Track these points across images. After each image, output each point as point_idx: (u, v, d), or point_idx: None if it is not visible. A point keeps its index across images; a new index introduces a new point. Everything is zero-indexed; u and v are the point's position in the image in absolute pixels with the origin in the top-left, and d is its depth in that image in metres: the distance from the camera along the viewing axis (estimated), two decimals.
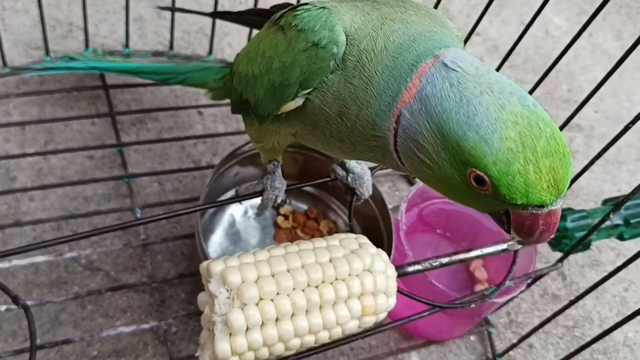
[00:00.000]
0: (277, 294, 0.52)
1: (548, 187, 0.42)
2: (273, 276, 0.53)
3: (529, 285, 0.76)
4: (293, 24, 0.52)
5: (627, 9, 1.32)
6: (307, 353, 0.58)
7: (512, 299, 0.77)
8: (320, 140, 0.55)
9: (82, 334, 0.73)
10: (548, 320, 0.76)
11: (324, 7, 0.51)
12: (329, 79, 0.49)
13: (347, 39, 0.49)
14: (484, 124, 0.42)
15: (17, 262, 0.75)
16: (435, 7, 0.80)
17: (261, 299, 0.52)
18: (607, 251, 0.96)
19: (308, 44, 0.50)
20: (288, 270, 0.54)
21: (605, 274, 0.68)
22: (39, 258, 0.76)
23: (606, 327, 0.67)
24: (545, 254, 0.90)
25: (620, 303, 0.91)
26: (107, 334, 0.72)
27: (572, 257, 0.95)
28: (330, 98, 0.50)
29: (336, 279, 0.54)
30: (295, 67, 0.51)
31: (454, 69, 0.44)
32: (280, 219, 0.84)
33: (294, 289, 0.53)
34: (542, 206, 0.43)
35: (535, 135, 0.41)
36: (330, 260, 0.55)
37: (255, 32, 0.94)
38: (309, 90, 0.50)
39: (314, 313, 0.53)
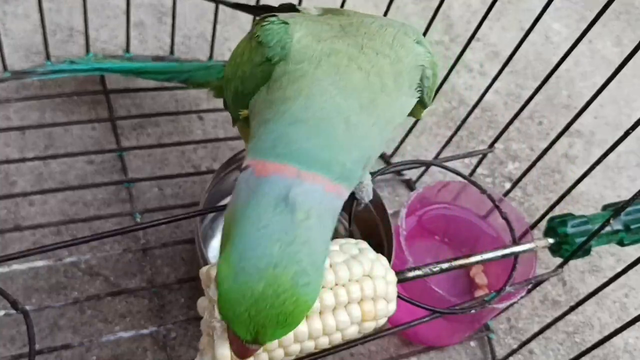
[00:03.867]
0: None
1: (247, 332, 0.43)
2: None
3: (529, 291, 0.76)
4: (256, 35, 0.53)
5: (626, 16, 1.32)
6: (306, 359, 0.58)
7: (512, 304, 0.77)
8: None
9: (81, 339, 0.73)
10: (548, 326, 0.76)
11: (285, 22, 0.52)
12: None
13: (296, 59, 0.49)
14: (249, 263, 0.42)
15: (16, 266, 0.74)
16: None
17: None
18: (607, 257, 0.96)
19: (263, 58, 0.51)
20: None
21: (605, 279, 0.68)
22: (39, 263, 0.75)
23: (606, 333, 0.67)
24: (545, 259, 0.90)
25: (620, 309, 0.91)
26: (106, 339, 0.72)
27: (572, 262, 0.94)
28: None
29: (336, 284, 0.54)
30: (251, 78, 0.52)
31: (287, 203, 0.43)
32: None
33: None
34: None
35: (271, 303, 0.42)
36: (330, 266, 0.55)
37: None
38: None
39: (314, 318, 0.53)
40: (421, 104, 0.57)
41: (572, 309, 0.72)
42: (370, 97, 0.48)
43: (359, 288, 0.54)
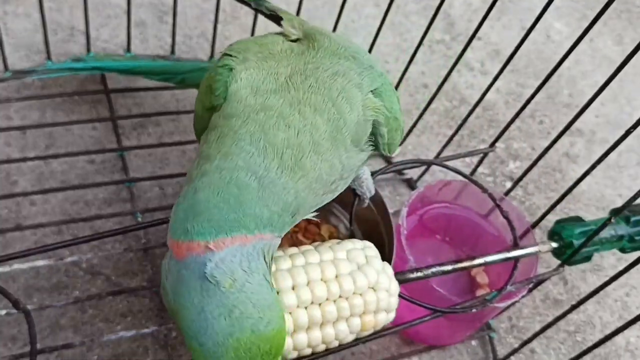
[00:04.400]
0: None
1: None
2: (277, 293, 0.53)
3: (530, 290, 0.76)
4: (212, 75, 0.54)
5: (627, 14, 1.32)
6: (306, 358, 0.58)
7: (513, 303, 0.77)
8: None
9: (82, 339, 0.73)
10: (549, 325, 0.76)
11: (231, 69, 0.53)
12: None
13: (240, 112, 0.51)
14: (209, 344, 0.45)
15: (17, 266, 0.74)
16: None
17: None
18: (609, 256, 0.96)
19: (210, 104, 0.54)
20: (293, 288, 0.53)
21: (606, 278, 0.68)
22: (40, 262, 0.75)
23: (608, 332, 0.67)
24: (546, 258, 0.90)
25: (621, 308, 0.91)
26: (107, 339, 0.72)
27: None
28: None
29: (340, 297, 0.54)
30: (200, 120, 0.56)
31: (209, 280, 0.45)
32: None
33: (297, 306, 0.53)
34: None
35: (250, 357, 0.45)
36: (336, 277, 0.55)
37: (258, 29, 0.94)
38: None
39: (314, 329, 0.54)
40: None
41: (574, 307, 0.72)
42: (295, 157, 0.48)
43: (362, 302, 0.54)
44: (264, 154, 0.48)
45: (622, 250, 0.71)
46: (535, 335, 0.78)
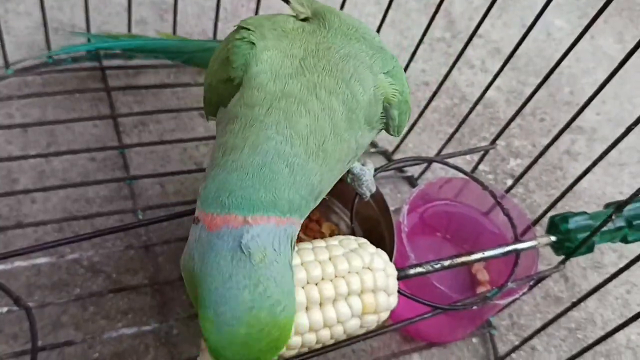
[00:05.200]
0: None
1: None
2: None
3: (531, 287, 0.76)
4: (228, 47, 0.54)
5: (628, 12, 1.32)
6: (308, 355, 0.58)
7: (514, 300, 0.77)
8: None
9: (83, 336, 0.73)
10: (550, 322, 0.76)
11: (253, 43, 0.53)
12: None
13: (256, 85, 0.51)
14: (227, 315, 0.44)
15: (18, 263, 0.74)
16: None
17: None
18: (610, 253, 0.96)
19: (227, 76, 0.53)
20: None
21: (607, 276, 0.68)
22: (41, 260, 0.75)
23: (609, 329, 0.67)
24: (547, 256, 0.90)
25: (622, 305, 0.91)
26: (108, 336, 0.72)
27: (574, 259, 0.94)
28: None
29: (335, 277, 0.54)
30: (216, 91, 0.55)
31: (242, 251, 0.45)
32: None
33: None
34: None
35: (258, 338, 0.45)
36: (330, 259, 0.55)
37: None
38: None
39: (314, 310, 0.53)
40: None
41: (574, 305, 0.72)
42: (317, 141, 0.49)
43: (358, 280, 0.54)
44: (291, 141, 0.48)
45: (625, 240, 0.71)
46: (536, 332, 0.78)
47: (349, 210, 0.83)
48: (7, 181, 0.84)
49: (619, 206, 0.66)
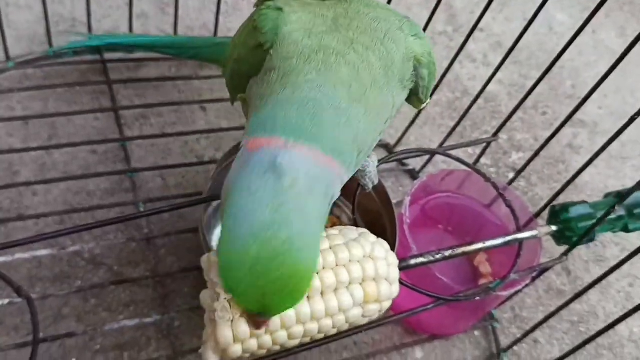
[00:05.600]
0: None
1: (254, 302, 0.45)
2: None
3: (534, 279, 0.76)
4: (255, 18, 0.54)
5: (630, 6, 1.32)
6: (310, 345, 0.58)
7: (516, 292, 0.77)
8: None
9: (85, 328, 0.73)
10: (552, 314, 0.76)
11: (280, 9, 0.52)
12: None
13: (287, 48, 0.50)
14: (243, 229, 0.43)
15: (20, 255, 0.74)
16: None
17: None
18: (612, 247, 0.96)
19: (256, 43, 0.52)
20: None
21: (608, 268, 0.68)
22: (42, 252, 0.75)
23: (611, 322, 0.67)
24: (549, 249, 0.90)
25: (625, 298, 0.91)
26: (110, 328, 0.72)
27: (576, 252, 0.94)
28: None
29: (337, 265, 0.54)
30: (246, 61, 0.53)
31: (275, 169, 0.44)
32: None
33: None
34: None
35: (268, 268, 0.43)
36: (330, 248, 0.55)
37: None
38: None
39: (316, 299, 0.53)
40: (417, 99, 0.57)
41: (577, 296, 0.72)
42: (360, 90, 0.49)
43: (360, 268, 0.54)
44: (334, 87, 0.48)
45: (626, 229, 0.70)
46: (538, 324, 0.78)
47: (350, 203, 0.83)
48: (8, 174, 0.84)
49: (622, 195, 0.65)
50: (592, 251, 0.95)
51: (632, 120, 0.64)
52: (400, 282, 0.58)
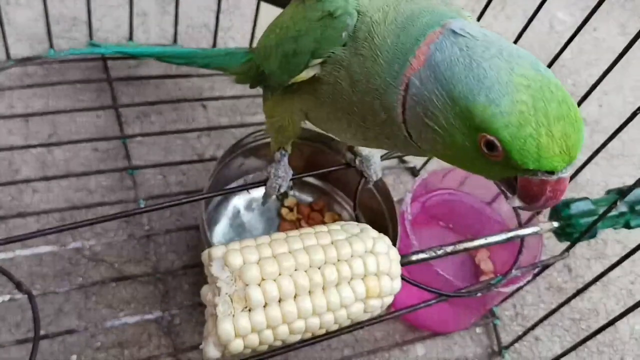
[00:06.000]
0: (279, 274, 0.52)
1: (560, 152, 0.41)
2: (275, 257, 0.53)
3: (535, 276, 0.76)
4: None
5: (631, 4, 1.31)
6: (311, 341, 0.58)
7: (518, 289, 0.77)
8: (330, 118, 0.55)
9: (86, 325, 0.73)
10: (553, 311, 0.76)
11: None
12: (338, 52, 0.49)
13: (360, 11, 0.48)
14: (495, 87, 0.41)
15: (20, 252, 0.74)
16: None
17: (263, 279, 0.51)
18: (613, 244, 0.96)
19: (323, 13, 0.50)
20: (289, 252, 0.53)
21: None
22: (43, 249, 0.75)
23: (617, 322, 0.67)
24: (550, 247, 0.90)
25: (626, 296, 0.91)
26: (111, 325, 0.72)
27: (577, 250, 0.94)
28: (341, 71, 0.50)
29: (338, 260, 0.54)
30: (308, 35, 0.51)
31: (462, 35, 0.44)
32: (284, 211, 0.83)
33: (295, 269, 0.52)
34: (552, 172, 0.42)
35: (547, 98, 0.41)
36: (332, 243, 0.55)
37: (261, 19, 0.95)
38: (319, 60, 0.50)
39: (317, 294, 0.53)
40: None
41: (578, 292, 0.72)
42: None
43: (361, 263, 0.54)
44: None
45: (627, 225, 0.70)
46: (539, 321, 0.78)
47: (352, 200, 0.83)
48: (8, 171, 0.84)
49: (624, 192, 0.65)
50: (593, 248, 0.95)
51: (633, 115, 0.64)
52: (402, 278, 0.58)
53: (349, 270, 0.54)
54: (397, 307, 0.73)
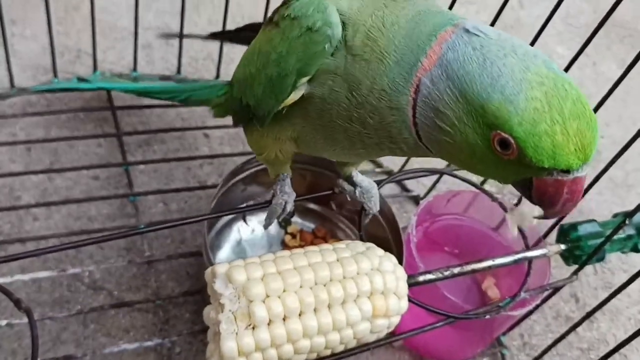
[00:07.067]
0: (284, 291, 0.51)
1: (575, 150, 0.41)
2: (279, 274, 0.52)
3: (544, 301, 0.74)
4: (286, 15, 0.52)
5: (630, 39, 1.33)
6: None
7: (527, 315, 0.76)
8: (324, 135, 0.53)
9: (84, 351, 0.71)
10: (560, 338, 0.75)
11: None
12: (328, 63, 0.49)
13: (345, 19, 0.48)
14: (509, 85, 0.41)
15: (19, 277, 0.73)
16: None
17: (267, 295, 0.50)
18: (620, 273, 0.95)
19: (302, 29, 0.50)
20: (294, 269, 0.52)
21: (619, 296, 0.68)
22: (42, 274, 0.74)
23: (622, 349, 0.66)
24: (557, 275, 0.89)
25: (635, 325, 0.89)
26: (109, 351, 0.70)
27: (584, 279, 0.93)
28: (336, 80, 0.49)
29: (344, 277, 0.53)
30: (291, 55, 0.50)
31: (476, 34, 0.44)
32: (287, 238, 0.82)
33: (301, 286, 0.51)
34: (567, 172, 0.42)
35: (561, 96, 0.41)
36: (338, 260, 0.54)
37: None
38: (307, 78, 0.50)
39: (323, 312, 0.52)
40: None
41: (584, 319, 0.71)
42: None
43: (368, 281, 0.53)
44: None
45: (635, 249, 0.70)
46: (547, 349, 0.76)
47: (355, 226, 0.82)
48: (9, 199, 0.83)
49: (630, 213, 0.65)
50: (600, 278, 0.93)
51: (634, 139, 0.64)
52: (410, 300, 0.57)
53: (355, 287, 0.53)
54: (402, 332, 0.71)
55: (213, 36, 0.88)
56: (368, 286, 0.53)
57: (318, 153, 0.59)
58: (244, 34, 0.79)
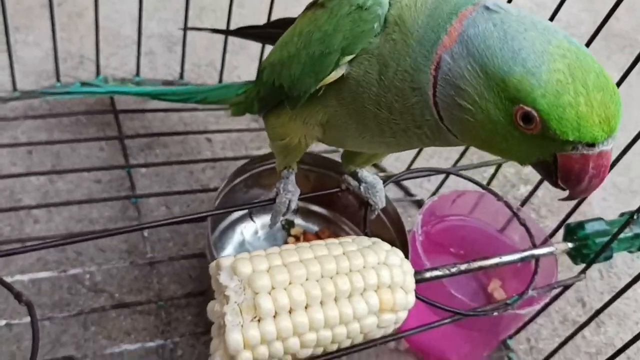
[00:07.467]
0: (290, 283, 0.50)
1: (600, 122, 0.40)
2: (285, 266, 0.51)
3: (553, 300, 0.74)
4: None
5: (630, 49, 1.33)
6: (322, 358, 0.55)
7: (535, 316, 0.75)
8: (352, 121, 0.53)
9: (84, 353, 0.70)
10: (566, 341, 0.74)
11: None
12: (371, 43, 0.48)
13: None
14: (531, 57, 0.41)
15: (19, 277, 0.72)
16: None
17: (273, 287, 0.49)
18: (626, 278, 0.93)
19: (352, 7, 0.49)
20: (300, 261, 0.51)
21: (626, 300, 0.67)
22: (42, 274, 0.73)
23: (630, 353, 0.65)
24: (563, 277, 0.88)
25: None
26: (110, 352, 0.69)
27: (591, 284, 0.92)
28: (371, 61, 0.48)
29: (350, 271, 0.52)
30: (337, 33, 0.50)
31: (496, 11, 0.44)
32: (291, 240, 0.81)
33: (307, 278, 0.50)
34: (592, 145, 0.41)
35: (584, 68, 0.40)
36: (344, 253, 0.53)
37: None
38: (350, 57, 0.49)
39: (330, 305, 0.51)
40: None
41: (590, 319, 0.71)
42: None
43: (375, 274, 0.52)
44: None
45: None
46: (554, 352, 0.75)
47: (359, 228, 0.82)
48: (10, 201, 0.82)
49: (637, 210, 0.64)
50: (607, 282, 0.92)
51: (633, 141, 0.64)
52: (417, 297, 0.56)
53: (362, 281, 0.52)
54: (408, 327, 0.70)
55: (234, 32, 0.87)
56: (375, 279, 0.52)
57: (342, 142, 0.58)
58: (269, 31, 0.79)
